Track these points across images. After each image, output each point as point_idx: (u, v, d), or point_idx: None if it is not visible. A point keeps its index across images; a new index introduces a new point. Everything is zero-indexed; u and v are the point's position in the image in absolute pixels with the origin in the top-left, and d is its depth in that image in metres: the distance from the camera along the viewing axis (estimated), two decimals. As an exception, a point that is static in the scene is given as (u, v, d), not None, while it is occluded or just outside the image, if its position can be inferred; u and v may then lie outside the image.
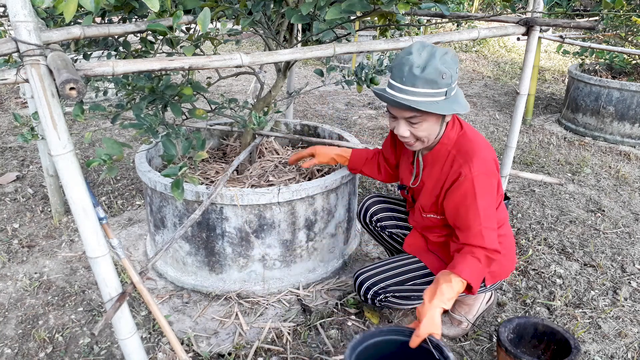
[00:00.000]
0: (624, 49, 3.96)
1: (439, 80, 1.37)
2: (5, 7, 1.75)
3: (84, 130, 4.04)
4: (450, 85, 1.40)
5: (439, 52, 1.38)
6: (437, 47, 1.41)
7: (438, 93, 1.39)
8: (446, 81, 1.38)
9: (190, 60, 1.14)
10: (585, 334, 1.92)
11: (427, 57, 1.36)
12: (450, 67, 1.38)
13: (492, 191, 1.50)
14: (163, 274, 2.16)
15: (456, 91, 1.47)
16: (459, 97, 1.47)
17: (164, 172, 1.50)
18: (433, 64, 1.35)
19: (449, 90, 1.41)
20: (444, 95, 1.40)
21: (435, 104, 1.40)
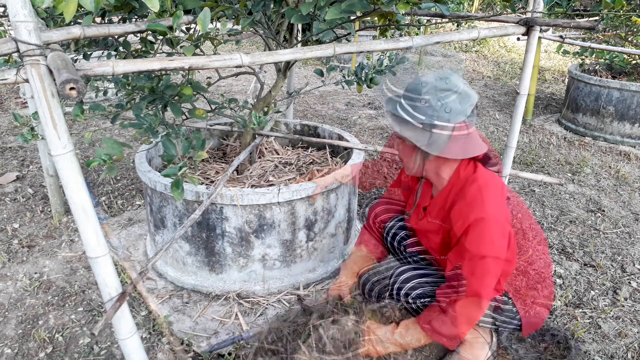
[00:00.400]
0: (624, 49, 3.96)
1: (417, 102, 1.34)
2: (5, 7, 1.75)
3: (84, 130, 4.04)
4: (430, 117, 1.34)
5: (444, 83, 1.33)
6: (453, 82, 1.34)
7: (415, 116, 1.35)
8: (426, 110, 1.33)
9: (190, 60, 1.14)
10: (585, 334, 1.92)
11: (428, 80, 1.35)
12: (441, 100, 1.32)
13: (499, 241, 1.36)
14: (163, 274, 2.16)
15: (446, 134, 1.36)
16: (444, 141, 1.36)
17: (164, 172, 1.50)
18: (422, 85, 1.34)
19: (428, 124, 1.34)
20: (420, 123, 1.35)
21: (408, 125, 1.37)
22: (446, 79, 1.36)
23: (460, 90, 1.35)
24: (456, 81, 1.36)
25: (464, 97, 1.35)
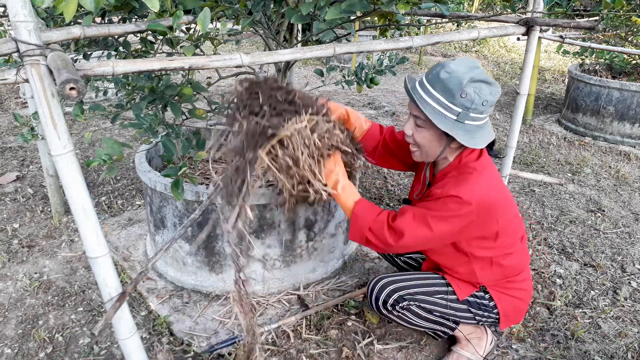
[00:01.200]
0: (624, 49, 3.96)
1: (456, 94, 1.31)
2: (5, 7, 1.75)
3: (84, 130, 4.04)
4: (467, 109, 1.33)
5: (479, 74, 1.32)
6: (483, 72, 1.34)
7: (450, 108, 1.33)
8: (464, 102, 1.32)
9: (190, 60, 1.14)
10: (585, 334, 1.92)
11: (462, 70, 1.32)
12: (479, 93, 1.31)
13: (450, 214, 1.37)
14: (163, 274, 2.16)
15: (478, 125, 1.37)
16: (476, 131, 1.37)
17: (164, 172, 1.50)
18: (460, 77, 1.31)
19: (464, 115, 1.34)
20: (456, 115, 1.34)
21: (441, 116, 1.35)
22: (477, 68, 1.34)
23: (490, 81, 1.35)
24: (483, 72, 1.35)
25: (494, 88, 1.35)
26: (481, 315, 1.59)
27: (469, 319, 1.61)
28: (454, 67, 1.33)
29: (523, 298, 1.60)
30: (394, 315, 1.61)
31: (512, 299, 1.58)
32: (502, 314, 1.58)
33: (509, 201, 1.50)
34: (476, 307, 1.58)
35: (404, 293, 1.57)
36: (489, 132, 1.42)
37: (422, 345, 1.83)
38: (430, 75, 1.36)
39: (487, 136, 1.41)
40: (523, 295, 1.60)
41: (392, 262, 1.98)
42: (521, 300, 1.60)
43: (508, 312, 1.59)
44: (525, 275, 1.61)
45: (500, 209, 1.43)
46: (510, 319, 1.61)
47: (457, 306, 1.58)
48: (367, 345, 1.82)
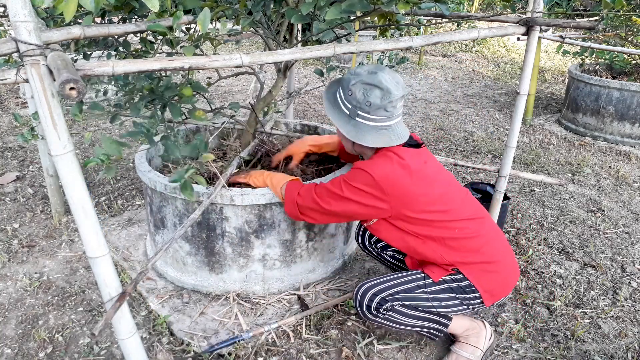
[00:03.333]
0: (624, 49, 3.96)
1: (345, 92, 1.54)
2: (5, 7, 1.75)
3: (84, 130, 4.04)
4: (355, 108, 1.52)
5: (371, 79, 1.48)
6: (381, 78, 1.48)
7: (344, 103, 1.55)
8: (350, 100, 1.52)
9: (190, 60, 1.14)
10: (585, 334, 1.92)
11: (359, 73, 1.51)
12: (366, 94, 1.48)
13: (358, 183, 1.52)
14: (163, 274, 2.16)
15: (371, 126, 1.53)
16: (368, 130, 1.53)
17: (172, 177, 1.52)
18: (353, 78, 1.51)
19: (353, 111, 1.53)
20: (348, 110, 1.55)
21: (337, 110, 1.57)
22: (375, 74, 1.48)
23: (384, 87, 1.47)
24: (382, 77, 1.48)
25: (386, 94, 1.47)
26: (467, 298, 1.58)
27: (458, 306, 1.59)
28: (357, 70, 1.52)
29: (497, 270, 1.58)
30: (381, 318, 1.61)
31: (487, 273, 1.56)
32: (482, 291, 1.56)
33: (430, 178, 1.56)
34: (459, 291, 1.57)
35: (385, 294, 1.57)
36: (390, 137, 1.55)
37: (422, 345, 1.83)
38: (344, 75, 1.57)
39: (384, 139, 1.54)
40: (496, 268, 1.57)
41: (379, 259, 2.00)
42: (496, 273, 1.57)
43: (489, 287, 1.57)
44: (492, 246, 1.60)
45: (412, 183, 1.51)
46: (495, 294, 1.59)
47: (441, 296, 1.58)
48: (367, 345, 1.82)
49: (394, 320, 1.60)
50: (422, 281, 1.59)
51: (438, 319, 1.62)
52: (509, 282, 1.62)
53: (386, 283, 1.61)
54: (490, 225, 1.66)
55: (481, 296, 1.57)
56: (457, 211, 1.58)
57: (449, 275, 1.58)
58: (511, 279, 1.63)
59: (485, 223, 1.63)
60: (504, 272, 1.61)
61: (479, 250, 1.57)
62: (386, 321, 1.61)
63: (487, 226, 1.63)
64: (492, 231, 1.64)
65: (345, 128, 1.54)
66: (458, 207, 1.59)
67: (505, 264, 1.61)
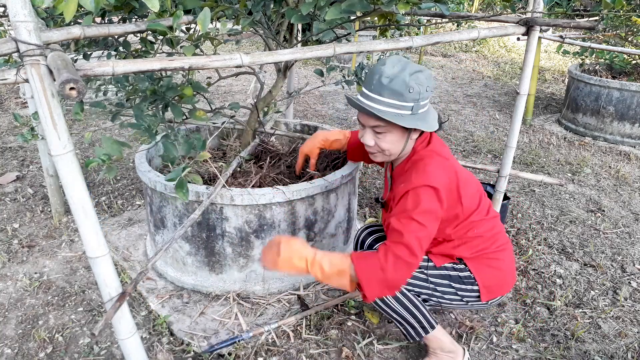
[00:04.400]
0: (624, 49, 3.96)
1: (405, 93, 1.39)
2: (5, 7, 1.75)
3: (84, 130, 4.04)
4: (417, 101, 1.42)
5: (412, 67, 1.41)
6: (412, 63, 1.43)
7: (404, 106, 1.41)
8: (413, 96, 1.40)
9: (190, 60, 1.14)
10: (585, 334, 1.92)
11: (398, 70, 1.40)
12: (420, 83, 1.40)
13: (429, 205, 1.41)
14: (163, 274, 2.16)
15: (426, 110, 1.48)
16: (427, 115, 1.48)
17: (168, 176, 1.51)
18: (402, 77, 1.39)
19: (416, 106, 1.43)
20: (410, 110, 1.42)
21: (399, 117, 1.42)
22: (408, 63, 1.43)
23: (419, 67, 1.43)
24: (412, 63, 1.44)
25: (425, 72, 1.44)
26: (464, 289, 1.58)
27: (452, 295, 1.58)
28: (390, 71, 1.41)
29: (501, 268, 1.59)
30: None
31: (491, 269, 1.58)
32: (481, 285, 1.56)
33: (467, 178, 1.55)
34: (457, 280, 1.57)
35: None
36: (434, 112, 1.54)
37: (422, 345, 1.83)
38: (372, 85, 1.42)
39: (434, 116, 1.52)
40: (501, 266, 1.59)
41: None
42: (499, 270, 1.58)
43: (489, 283, 1.57)
44: (500, 246, 1.61)
45: (461, 187, 1.49)
46: (492, 291, 1.59)
47: (439, 281, 1.58)
48: (367, 345, 1.82)
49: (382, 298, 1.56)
50: (424, 263, 1.60)
51: (422, 320, 1.60)
52: (508, 282, 1.63)
53: None
54: (499, 222, 1.68)
55: (479, 290, 1.57)
56: (481, 210, 1.59)
57: (452, 263, 1.59)
58: (510, 279, 1.63)
59: (496, 220, 1.65)
60: (505, 271, 1.61)
61: (488, 247, 1.59)
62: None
63: (497, 223, 1.65)
64: (500, 228, 1.66)
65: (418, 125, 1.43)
66: (482, 205, 1.60)
67: (507, 263, 1.62)
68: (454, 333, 1.89)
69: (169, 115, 1.86)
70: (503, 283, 1.61)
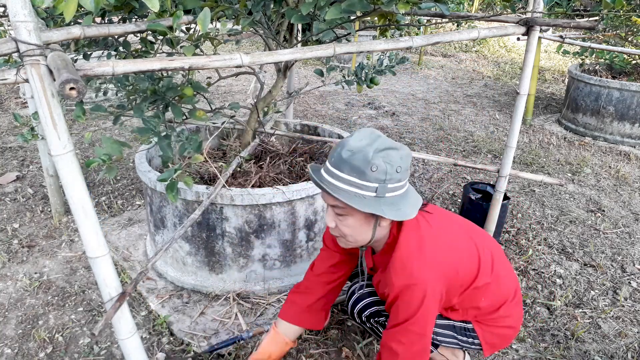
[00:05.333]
0: (624, 49, 3.96)
1: (366, 171, 1.21)
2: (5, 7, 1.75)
3: (84, 130, 4.04)
4: (384, 182, 1.22)
5: (382, 142, 1.23)
6: (385, 139, 1.26)
7: (365, 186, 1.22)
8: (376, 175, 1.21)
9: (190, 60, 1.14)
10: (585, 334, 1.92)
11: (364, 144, 1.23)
12: (389, 162, 1.22)
13: (419, 306, 1.29)
14: (163, 274, 2.16)
15: (399, 194, 1.27)
16: (401, 200, 1.27)
17: (160, 176, 1.50)
18: (365, 151, 1.21)
19: (382, 188, 1.23)
20: (374, 191, 1.23)
21: (359, 198, 1.23)
22: (378, 137, 1.26)
23: (395, 145, 1.26)
24: (385, 139, 1.27)
25: (402, 151, 1.26)
26: (464, 341, 1.52)
27: (451, 342, 1.53)
28: (354, 144, 1.23)
29: (510, 325, 1.51)
30: (367, 326, 1.62)
31: (498, 328, 1.51)
32: (484, 342, 1.51)
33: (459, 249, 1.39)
34: (461, 333, 1.51)
35: (382, 309, 1.52)
36: (415, 198, 1.33)
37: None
38: (333, 158, 1.26)
39: (414, 202, 1.31)
40: (510, 323, 1.51)
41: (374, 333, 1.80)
42: (509, 328, 1.51)
43: (493, 341, 1.52)
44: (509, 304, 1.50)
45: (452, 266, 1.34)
46: (496, 346, 1.54)
47: (440, 330, 1.50)
48: (367, 345, 1.82)
49: (378, 332, 1.62)
50: None
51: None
52: (513, 334, 1.56)
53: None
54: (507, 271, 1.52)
55: (481, 345, 1.52)
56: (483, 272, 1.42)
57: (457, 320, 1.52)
58: (515, 331, 1.56)
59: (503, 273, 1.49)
60: (514, 327, 1.53)
61: (495, 312, 1.49)
62: (370, 330, 1.64)
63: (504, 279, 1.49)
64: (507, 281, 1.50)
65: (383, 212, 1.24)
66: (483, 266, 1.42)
67: (514, 319, 1.52)
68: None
69: (169, 115, 1.86)
70: (509, 337, 1.55)
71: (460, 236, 1.42)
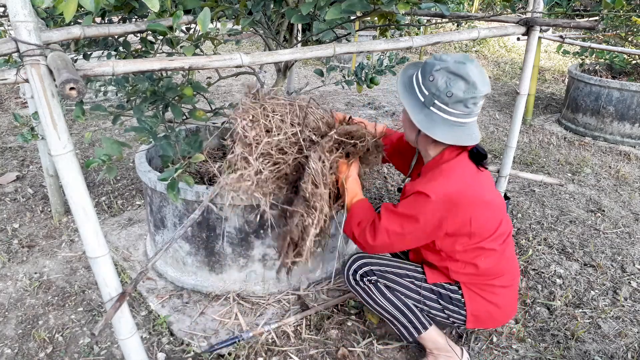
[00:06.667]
0: (624, 49, 3.96)
1: (426, 76, 1.39)
2: (5, 7, 1.75)
3: (84, 130, 4.04)
4: (433, 95, 1.38)
5: (458, 68, 1.35)
6: (468, 70, 1.35)
7: (420, 89, 1.42)
8: (430, 86, 1.38)
9: (190, 60, 1.14)
10: (585, 334, 1.92)
11: (446, 59, 1.37)
12: (448, 83, 1.35)
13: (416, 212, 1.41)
14: (163, 274, 2.16)
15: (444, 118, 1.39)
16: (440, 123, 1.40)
17: (160, 176, 1.51)
18: (438, 64, 1.37)
19: (429, 99, 1.39)
20: (423, 97, 1.41)
21: (410, 94, 1.44)
22: (463, 64, 1.36)
23: (471, 80, 1.35)
24: (470, 69, 1.35)
25: (471, 88, 1.35)
26: (451, 310, 1.56)
27: (439, 312, 1.57)
28: (444, 56, 1.39)
29: (498, 304, 1.54)
30: (360, 287, 1.62)
31: (485, 301, 1.53)
32: (469, 313, 1.53)
33: (486, 202, 1.46)
34: (447, 299, 1.55)
35: (375, 268, 1.60)
36: (460, 134, 1.41)
37: (422, 345, 1.83)
38: (430, 57, 1.44)
39: (456, 135, 1.40)
40: (498, 301, 1.54)
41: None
42: (495, 306, 1.54)
43: (478, 313, 1.54)
44: (504, 282, 1.54)
45: (471, 206, 1.41)
46: (480, 321, 1.56)
47: (426, 294, 1.56)
48: (367, 345, 1.82)
49: (370, 294, 1.60)
50: (417, 274, 1.59)
51: (413, 320, 1.59)
52: (501, 318, 1.59)
53: (381, 261, 1.62)
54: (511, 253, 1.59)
55: (466, 316, 1.55)
56: (496, 238, 1.50)
57: (445, 282, 1.56)
58: (504, 316, 1.59)
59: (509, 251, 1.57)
60: (501, 307, 1.56)
61: (490, 280, 1.53)
62: (363, 292, 1.62)
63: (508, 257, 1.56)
64: (509, 263, 1.57)
65: (417, 116, 1.41)
66: (499, 232, 1.51)
67: (506, 301, 1.56)
68: (454, 333, 1.89)
69: (168, 115, 1.86)
70: (495, 317, 1.57)
71: (491, 199, 1.50)
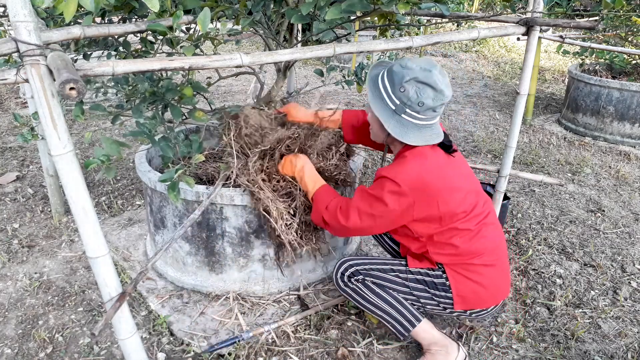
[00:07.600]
0: (624, 49, 3.96)
1: (396, 87, 1.43)
2: (5, 7, 1.75)
3: (84, 130, 4.04)
4: (404, 105, 1.43)
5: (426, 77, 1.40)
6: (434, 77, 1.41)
7: (391, 98, 1.45)
8: (401, 97, 1.43)
9: (190, 60, 1.14)
10: (585, 334, 1.92)
11: (412, 68, 1.41)
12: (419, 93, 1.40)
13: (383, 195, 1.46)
14: (163, 274, 2.16)
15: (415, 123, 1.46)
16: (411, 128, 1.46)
17: (161, 177, 1.51)
18: (406, 74, 1.41)
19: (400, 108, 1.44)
20: (394, 106, 1.45)
21: (381, 102, 1.48)
22: (429, 72, 1.41)
23: (438, 88, 1.41)
24: (437, 77, 1.42)
25: (439, 95, 1.42)
26: (439, 295, 1.57)
27: (429, 299, 1.59)
28: (409, 64, 1.42)
29: (483, 283, 1.54)
30: (350, 288, 1.66)
31: (470, 281, 1.54)
32: (455, 294, 1.55)
33: (455, 187, 1.50)
34: (432, 285, 1.57)
35: (361, 268, 1.65)
36: (430, 135, 1.49)
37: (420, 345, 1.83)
38: (392, 65, 1.48)
39: (425, 137, 1.48)
40: (483, 280, 1.54)
41: (381, 243, 2.04)
42: (480, 285, 1.55)
43: (464, 293, 1.55)
44: (485, 261, 1.55)
45: (437, 191, 1.46)
46: (468, 302, 1.57)
47: (413, 285, 1.59)
48: (367, 345, 1.82)
49: (361, 294, 1.65)
50: (400, 267, 1.62)
51: (405, 313, 1.60)
52: (489, 298, 1.58)
53: (366, 260, 1.67)
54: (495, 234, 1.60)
55: (452, 298, 1.56)
56: (471, 218, 1.53)
57: (427, 268, 1.59)
58: (492, 296, 1.58)
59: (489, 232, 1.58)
60: (487, 287, 1.56)
61: (471, 259, 1.54)
62: (354, 293, 1.66)
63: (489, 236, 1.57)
64: (494, 243, 1.59)
65: (389, 123, 1.47)
66: (474, 213, 1.54)
67: (491, 280, 1.56)
68: (453, 333, 1.89)
69: (168, 115, 1.86)
70: (482, 298, 1.57)
71: (461, 183, 1.53)
